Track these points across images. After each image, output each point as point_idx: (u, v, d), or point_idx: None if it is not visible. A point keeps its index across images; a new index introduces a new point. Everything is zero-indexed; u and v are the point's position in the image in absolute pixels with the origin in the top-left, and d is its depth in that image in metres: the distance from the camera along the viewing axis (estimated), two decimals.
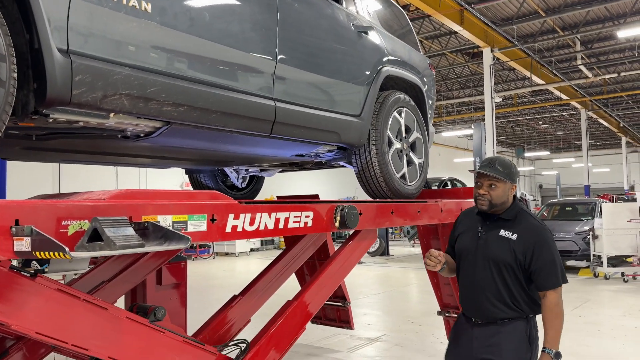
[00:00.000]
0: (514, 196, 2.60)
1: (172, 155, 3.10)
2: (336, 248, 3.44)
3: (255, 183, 4.71)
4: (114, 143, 2.55)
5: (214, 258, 15.97)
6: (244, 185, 4.51)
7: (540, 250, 2.43)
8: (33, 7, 1.66)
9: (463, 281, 2.65)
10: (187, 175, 4.45)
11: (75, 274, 4.51)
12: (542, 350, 2.38)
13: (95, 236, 1.52)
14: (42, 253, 1.35)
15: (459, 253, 2.68)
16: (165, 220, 1.83)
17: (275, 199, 5.24)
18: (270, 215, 2.28)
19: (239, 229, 2.13)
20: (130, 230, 1.59)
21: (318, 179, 20.92)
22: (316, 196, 4.75)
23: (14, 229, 1.43)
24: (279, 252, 3.78)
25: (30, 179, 11.18)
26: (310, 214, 2.53)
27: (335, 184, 21.76)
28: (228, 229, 2.08)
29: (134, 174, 15.17)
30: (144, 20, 2.03)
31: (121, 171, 14.66)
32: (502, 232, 2.51)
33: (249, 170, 4.32)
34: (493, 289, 2.48)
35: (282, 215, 2.34)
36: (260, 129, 2.63)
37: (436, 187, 14.56)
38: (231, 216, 2.09)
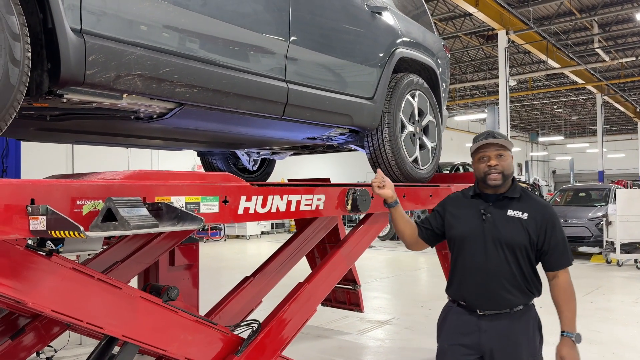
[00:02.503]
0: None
1: (184, 137, 3.10)
2: (347, 232, 3.44)
3: (267, 166, 4.71)
4: (127, 124, 2.55)
5: (225, 240, 16.10)
6: (255, 168, 4.51)
7: (553, 228, 2.32)
8: None
9: (467, 270, 2.41)
10: (199, 158, 4.47)
11: (89, 255, 4.56)
12: (562, 335, 2.28)
13: (110, 216, 1.53)
14: (57, 232, 1.36)
15: (459, 239, 2.45)
16: (179, 202, 1.83)
17: (287, 182, 5.26)
18: (282, 198, 2.28)
19: (251, 210, 2.13)
20: (144, 211, 1.60)
21: (329, 163, 20.91)
22: (327, 179, 4.75)
23: (29, 208, 1.44)
24: (289, 235, 3.79)
25: (44, 159, 11.30)
26: (322, 196, 2.53)
27: (346, 168, 21.71)
28: (240, 211, 2.08)
29: (146, 156, 15.27)
30: (156, 0, 2.02)
31: (133, 153, 14.74)
32: (511, 212, 2.35)
33: (261, 153, 4.32)
34: (507, 274, 2.31)
35: (294, 198, 2.34)
36: (272, 111, 2.62)
37: (448, 172, 14.48)
38: (243, 198, 2.10)
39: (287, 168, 11.00)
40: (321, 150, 4.34)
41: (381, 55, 3.37)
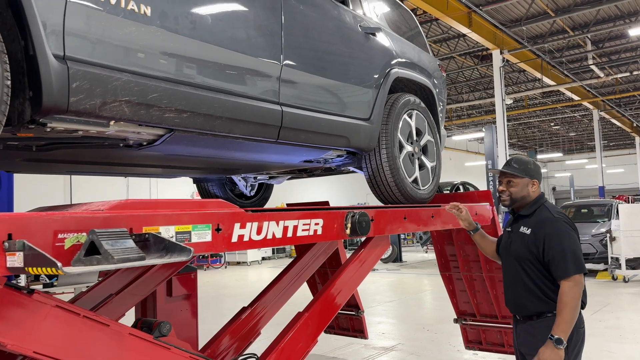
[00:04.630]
0: (542, 193, 2.74)
1: (178, 164, 3.03)
2: (348, 255, 3.34)
3: (264, 191, 4.63)
4: (118, 152, 2.48)
5: (225, 267, 15.91)
6: (252, 194, 4.43)
7: (550, 241, 2.50)
8: (27, 12, 1.60)
9: (504, 280, 2.81)
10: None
11: (87, 286, 4.45)
12: (549, 338, 2.41)
13: (93, 249, 1.44)
14: (34, 269, 1.27)
15: (500, 252, 2.91)
16: (168, 231, 1.75)
17: (285, 206, 5.17)
18: (278, 224, 2.19)
19: (246, 238, 2.04)
20: (129, 243, 1.50)
21: (328, 186, 20.85)
22: (326, 203, 4.66)
23: (6, 244, 1.35)
24: (290, 260, 3.71)
25: (40, 190, 11.21)
26: (320, 221, 2.44)
27: (346, 190, 21.66)
28: (234, 239, 1.99)
29: (145, 184, 15.19)
30: (143, 25, 1.96)
31: (132, 182, 14.68)
32: (521, 229, 2.65)
33: (257, 178, 4.24)
34: (522, 284, 2.60)
35: (290, 223, 2.25)
36: (266, 135, 2.55)
37: (448, 192, 14.40)
38: (237, 225, 2.01)
39: (286, 192, 10.93)
40: (319, 173, 4.26)
41: (376, 75, 3.33)
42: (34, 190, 10.52)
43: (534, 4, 13.66)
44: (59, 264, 1.22)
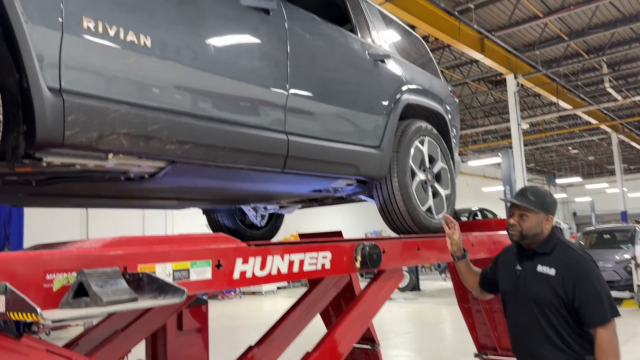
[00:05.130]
0: (553, 228, 2.43)
1: (183, 195, 2.97)
2: (363, 286, 3.21)
3: (275, 220, 4.54)
4: (120, 185, 2.42)
5: (240, 297, 15.73)
6: (263, 224, 4.34)
7: (581, 284, 2.21)
8: (21, 46, 1.56)
9: (510, 325, 2.52)
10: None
11: (92, 322, 4.36)
12: None
13: (82, 291, 1.36)
14: (15, 314, 1.19)
15: (502, 294, 2.58)
16: (165, 269, 1.66)
17: (298, 236, 5.06)
18: (283, 258, 2.09)
19: (249, 274, 1.94)
20: (121, 283, 1.42)
21: (343, 213, 20.66)
22: (339, 233, 4.54)
23: None
24: (306, 289, 3.61)
25: (56, 223, 11.23)
26: (328, 254, 2.33)
27: (362, 218, 21.45)
28: (236, 275, 1.89)
29: (161, 214, 15.20)
30: (143, 55, 1.92)
31: (148, 213, 14.70)
32: (540, 268, 2.34)
33: (268, 207, 4.16)
34: (540, 332, 2.29)
35: (296, 258, 2.15)
36: (272, 165, 2.48)
37: (466, 219, 14.16)
38: (239, 260, 1.91)
39: (300, 221, 10.80)
40: (330, 202, 4.17)
41: (386, 102, 3.25)
42: (49, 223, 10.54)
43: (547, 29, 13.63)
44: (39, 310, 1.14)
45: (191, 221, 15.17)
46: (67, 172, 2.03)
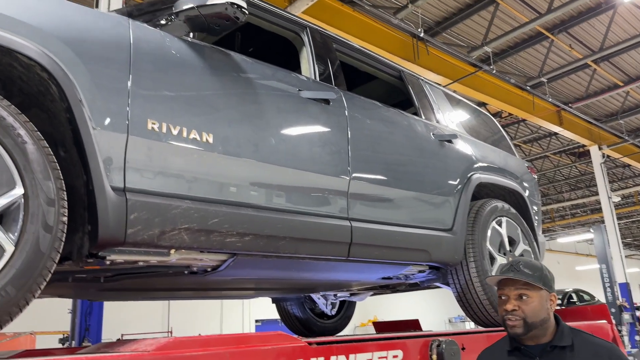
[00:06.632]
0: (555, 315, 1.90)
1: (248, 286, 2.92)
2: None
3: (347, 309, 4.35)
4: (185, 279, 2.41)
5: None
6: (333, 312, 4.17)
7: None
8: (87, 149, 1.64)
9: None
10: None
11: None
12: None
13: None
14: None
15: None
16: None
17: (373, 324, 4.80)
18: (348, 358, 1.92)
19: None
20: None
21: (424, 295, 19.67)
22: (416, 322, 4.26)
23: None
24: None
25: (140, 312, 11.59)
26: (399, 353, 2.13)
27: (444, 301, 20.28)
28: None
29: (238, 302, 15.27)
30: (205, 152, 1.97)
31: (225, 300, 14.84)
32: None
33: (338, 295, 4.00)
34: None
35: (363, 358, 1.97)
36: (335, 253, 2.38)
37: (559, 302, 12.99)
38: None
39: (378, 305, 10.37)
40: (404, 289, 3.95)
41: (455, 182, 3.11)
42: (132, 313, 10.89)
43: (629, 97, 13.00)
44: None
45: (268, 309, 15.13)
46: (132, 268, 2.05)
